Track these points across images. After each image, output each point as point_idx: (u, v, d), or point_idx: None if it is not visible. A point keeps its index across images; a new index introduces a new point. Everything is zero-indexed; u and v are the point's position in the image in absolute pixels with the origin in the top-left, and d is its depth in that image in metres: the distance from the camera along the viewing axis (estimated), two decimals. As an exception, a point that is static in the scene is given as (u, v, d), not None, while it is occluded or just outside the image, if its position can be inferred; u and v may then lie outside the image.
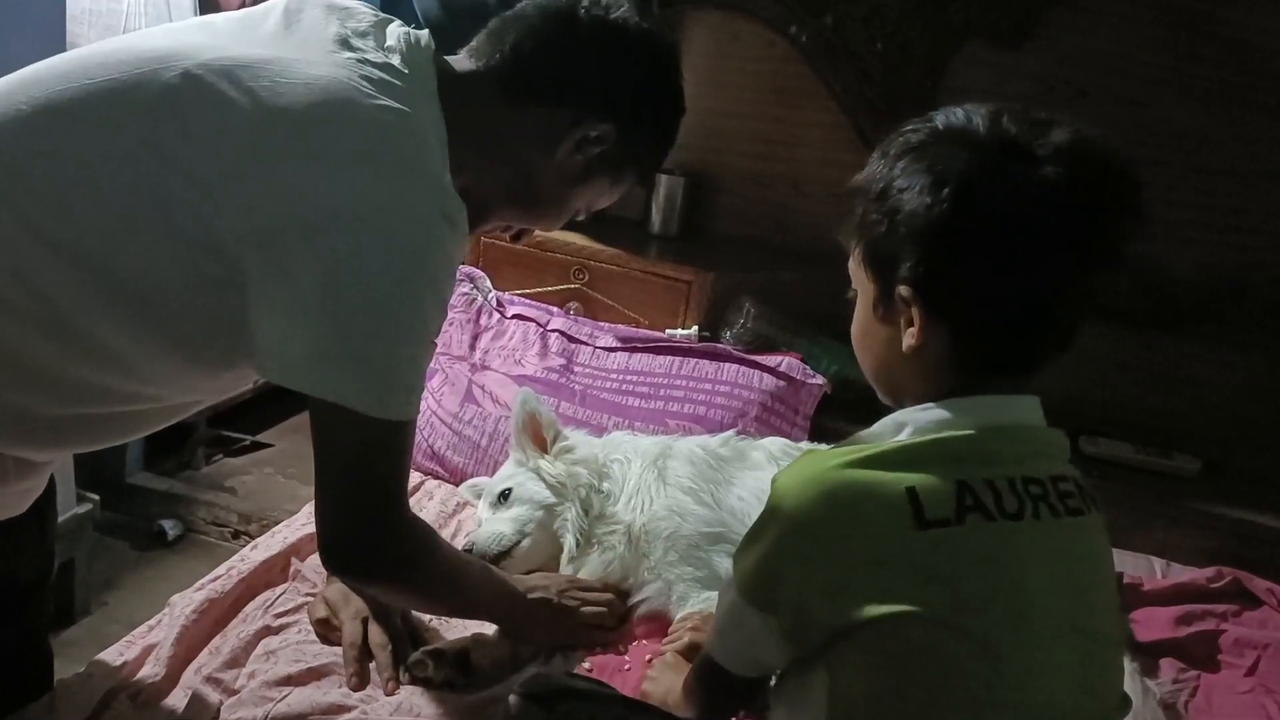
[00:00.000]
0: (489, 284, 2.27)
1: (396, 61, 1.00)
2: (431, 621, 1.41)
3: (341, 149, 0.92)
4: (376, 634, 1.31)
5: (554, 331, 2.16)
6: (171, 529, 2.44)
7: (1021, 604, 0.82)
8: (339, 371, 0.93)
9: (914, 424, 0.87)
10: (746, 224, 2.52)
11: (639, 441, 1.65)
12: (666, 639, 1.39)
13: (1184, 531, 1.95)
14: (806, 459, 0.88)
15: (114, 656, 1.27)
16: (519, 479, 1.57)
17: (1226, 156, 2.17)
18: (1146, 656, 1.53)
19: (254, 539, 1.63)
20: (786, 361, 2.08)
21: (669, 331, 2.21)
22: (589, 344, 2.14)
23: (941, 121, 0.87)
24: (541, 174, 1.12)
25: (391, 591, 1.18)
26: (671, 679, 1.21)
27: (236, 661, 1.29)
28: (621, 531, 1.50)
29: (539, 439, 1.62)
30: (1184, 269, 2.19)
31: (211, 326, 0.97)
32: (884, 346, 0.91)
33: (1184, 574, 1.80)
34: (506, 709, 1.05)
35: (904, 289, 0.86)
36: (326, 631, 1.35)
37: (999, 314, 0.86)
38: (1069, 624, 0.84)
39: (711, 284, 2.23)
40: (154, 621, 1.35)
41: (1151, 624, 1.60)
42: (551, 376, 2.05)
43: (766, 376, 2.05)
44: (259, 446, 2.77)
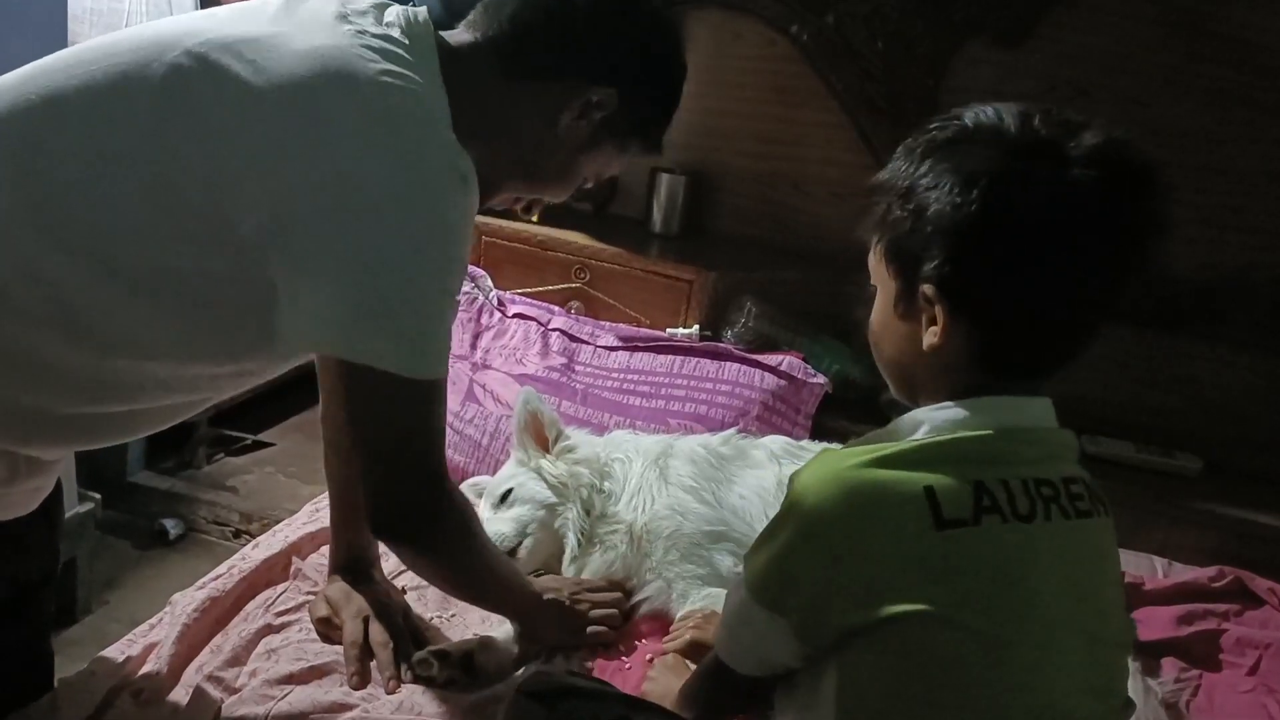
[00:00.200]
0: (490, 283, 2.27)
1: (396, 34, 1.00)
2: (433, 620, 1.41)
3: (348, 116, 0.93)
4: (378, 632, 1.31)
5: (555, 330, 2.16)
6: (173, 528, 2.44)
7: (1030, 605, 0.82)
8: (370, 336, 0.94)
9: (930, 423, 0.86)
10: (748, 223, 2.52)
11: (640, 440, 1.65)
12: (667, 638, 1.39)
13: (1185, 531, 1.95)
14: (823, 458, 0.87)
15: (116, 655, 1.27)
16: (520, 479, 1.57)
17: (1227, 156, 2.16)
18: (1148, 656, 1.53)
19: (255, 538, 1.63)
20: (788, 361, 2.08)
21: (670, 331, 2.21)
22: (590, 343, 2.14)
23: (971, 120, 0.86)
24: (546, 143, 1.12)
25: (430, 557, 1.15)
26: (671, 680, 1.21)
27: (238, 660, 1.29)
28: (623, 531, 1.50)
29: (541, 438, 1.61)
30: (1184, 268, 2.19)
31: (231, 315, 0.98)
32: (903, 343, 0.91)
33: (1185, 573, 1.79)
34: (507, 707, 1.05)
35: (928, 287, 0.85)
36: (328, 630, 1.35)
37: (1024, 315, 0.85)
38: (1076, 626, 0.84)
39: (713, 283, 2.23)
40: (155, 620, 1.35)
41: (1153, 623, 1.60)
42: (553, 375, 2.05)
43: (768, 376, 2.05)
44: (260, 445, 2.77)
